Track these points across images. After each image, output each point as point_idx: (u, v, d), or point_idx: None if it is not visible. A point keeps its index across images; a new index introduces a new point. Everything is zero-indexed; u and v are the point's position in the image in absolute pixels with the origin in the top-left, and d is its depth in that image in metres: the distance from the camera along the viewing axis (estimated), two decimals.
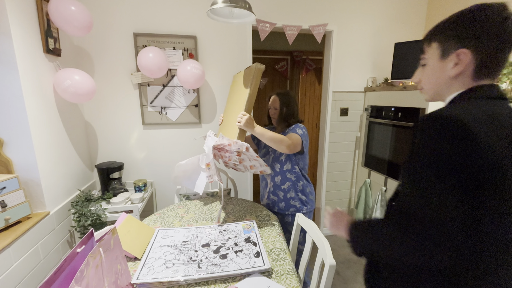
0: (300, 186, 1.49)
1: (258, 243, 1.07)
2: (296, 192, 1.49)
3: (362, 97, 2.38)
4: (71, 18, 1.38)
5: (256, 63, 1.26)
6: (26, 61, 1.23)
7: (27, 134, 1.24)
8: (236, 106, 1.36)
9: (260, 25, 1.97)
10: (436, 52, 0.63)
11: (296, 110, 1.51)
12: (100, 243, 0.71)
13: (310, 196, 1.52)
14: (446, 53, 0.61)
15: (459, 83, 0.61)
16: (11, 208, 1.15)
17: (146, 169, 2.04)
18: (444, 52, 0.61)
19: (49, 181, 1.37)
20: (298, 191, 1.49)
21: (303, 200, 1.50)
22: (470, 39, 0.57)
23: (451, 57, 0.60)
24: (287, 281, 0.89)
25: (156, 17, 1.84)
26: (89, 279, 0.63)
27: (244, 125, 1.18)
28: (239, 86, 1.41)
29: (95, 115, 1.87)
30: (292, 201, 1.49)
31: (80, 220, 1.49)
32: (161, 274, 0.88)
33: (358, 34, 2.24)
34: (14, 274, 1.08)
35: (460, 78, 0.60)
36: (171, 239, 1.11)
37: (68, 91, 1.44)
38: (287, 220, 1.51)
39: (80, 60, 1.77)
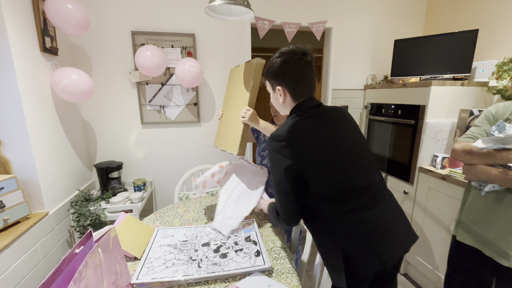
0: None
1: (258, 242, 1.06)
2: None
3: (361, 94, 2.37)
4: (67, 17, 1.36)
5: (256, 58, 1.25)
6: (22, 60, 1.22)
7: (24, 134, 1.23)
8: (237, 100, 1.35)
9: (259, 22, 1.95)
10: (269, 87, 0.98)
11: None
12: (98, 243, 0.70)
13: None
14: (273, 89, 0.95)
15: (286, 107, 0.94)
16: (10, 208, 1.14)
17: (145, 169, 2.03)
18: (272, 88, 0.96)
19: (47, 181, 1.36)
20: None
21: None
22: (279, 79, 0.91)
23: (276, 91, 0.93)
24: (288, 280, 0.89)
25: (154, 15, 1.82)
26: (88, 280, 0.62)
27: (249, 119, 1.20)
28: (239, 80, 1.40)
29: (93, 115, 1.86)
30: None
31: (79, 220, 1.48)
32: (161, 274, 0.88)
33: (358, 31, 2.22)
34: (13, 275, 1.08)
35: (285, 103, 0.94)
36: (171, 238, 1.10)
37: (65, 90, 1.43)
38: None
39: (78, 59, 1.75)
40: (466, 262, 1.11)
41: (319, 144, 0.83)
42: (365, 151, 0.91)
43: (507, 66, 1.53)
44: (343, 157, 0.84)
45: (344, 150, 0.85)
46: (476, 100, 1.71)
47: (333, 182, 0.83)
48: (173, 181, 2.06)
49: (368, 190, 0.85)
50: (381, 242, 0.82)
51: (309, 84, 0.90)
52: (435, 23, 2.26)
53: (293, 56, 0.87)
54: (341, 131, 0.88)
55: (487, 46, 1.85)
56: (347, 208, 0.82)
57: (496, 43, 1.80)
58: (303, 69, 0.87)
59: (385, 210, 0.87)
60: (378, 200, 0.86)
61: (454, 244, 1.16)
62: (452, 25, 2.09)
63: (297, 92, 0.90)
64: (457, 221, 1.14)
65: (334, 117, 0.90)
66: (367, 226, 0.82)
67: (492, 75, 1.63)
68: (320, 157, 0.82)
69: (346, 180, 0.83)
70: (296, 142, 0.83)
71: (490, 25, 1.83)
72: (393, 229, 0.85)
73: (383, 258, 0.80)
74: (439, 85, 1.63)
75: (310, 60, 0.87)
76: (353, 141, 0.89)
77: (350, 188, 0.83)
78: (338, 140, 0.86)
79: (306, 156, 0.82)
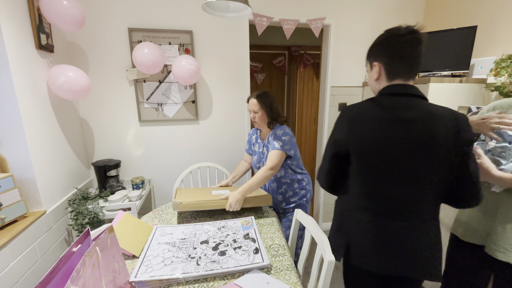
0: (295, 183, 1.51)
1: (257, 239, 1.06)
2: (294, 190, 1.51)
3: (360, 91, 2.37)
4: (63, 13, 1.34)
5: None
6: (18, 57, 1.20)
7: (21, 132, 1.21)
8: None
9: (257, 19, 1.94)
10: (368, 66, 0.94)
11: (279, 108, 1.48)
12: (96, 242, 0.70)
13: (307, 186, 1.55)
14: (371, 67, 0.91)
15: (379, 84, 0.89)
16: (6, 207, 1.13)
17: (143, 167, 2.02)
18: (370, 66, 0.91)
19: (45, 180, 1.35)
20: (296, 189, 1.51)
21: (301, 194, 1.52)
22: (377, 55, 0.87)
23: (373, 68, 0.89)
24: (286, 276, 0.89)
25: (151, 12, 1.80)
26: (86, 279, 0.62)
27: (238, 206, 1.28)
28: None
29: (90, 112, 1.85)
30: (292, 198, 1.51)
31: (77, 219, 1.48)
32: (159, 271, 0.87)
33: (356, 27, 2.21)
34: (11, 274, 1.07)
35: (379, 81, 0.89)
36: (169, 236, 1.10)
37: (62, 88, 1.41)
38: (291, 217, 1.53)
39: (74, 56, 1.73)
40: (464, 259, 1.12)
41: (374, 136, 0.82)
42: (423, 174, 0.80)
43: (505, 62, 1.53)
44: (391, 162, 0.81)
45: (396, 157, 0.80)
46: (475, 97, 1.71)
47: (368, 178, 0.85)
48: (172, 179, 2.06)
49: (400, 203, 0.83)
50: (383, 250, 0.85)
51: (408, 63, 0.82)
52: (434, 19, 2.26)
53: (396, 31, 0.81)
54: (407, 137, 0.79)
55: (485, 43, 1.85)
56: (369, 206, 0.86)
57: (494, 40, 1.80)
58: (404, 46, 0.80)
59: (408, 230, 0.83)
60: (406, 218, 0.83)
61: (452, 241, 1.17)
62: (451, 22, 2.08)
63: (392, 70, 0.84)
64: (456, 218, 1.14)
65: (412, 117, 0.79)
66: (378, 231, 0.85)
67: (491, 72, 1.63)
68: (367, 148, 0.83)
69: (381, 184, 0.83)
70: (354, 124, 0.85)
71: (488, 22, 1.83)
72: (407, 249, 0.83)
73: (380, 264, 0.85)
74: (438, 82, 1.62)
75: (414, 38, 0.79)
76: (414, 155, 0.79)
77: (382, 192, 0.84)
78: (396, 143, 0.80)
79: (356, 142, 0.85)
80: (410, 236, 0.83)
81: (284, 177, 1.48)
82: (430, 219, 0.85)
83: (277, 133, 1.43)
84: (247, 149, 1.71)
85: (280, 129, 1.45)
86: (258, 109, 1.44)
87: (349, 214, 0.92)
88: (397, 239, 0.83)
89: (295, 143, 1.47)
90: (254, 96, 1.46)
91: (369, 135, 0.83)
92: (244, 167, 1.73)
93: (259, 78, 3.47)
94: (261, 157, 1.55)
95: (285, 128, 1.45)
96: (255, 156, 1.60)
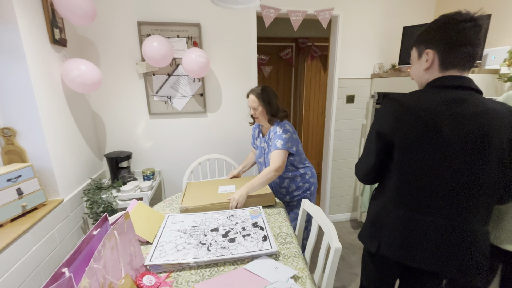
0: (298, 178, 1.52)
1: (265, 227, 1.10)
2: (297, 185, 1.53)
3: (368, 84, 2.35)
4: (75, 7, 1.38)
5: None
6: (33, 52, 1.24)
7: (38, 124, 1.27)
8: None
9: (264, 11, 1.93)
10: (415, 54, 0.87)
11: (279, 102, 1.47)
12: (114, 226, 0.74)
13: (311, 179, 1.56)
14: (420, 54, 0.84)
15: (429, 74, 0.82)
16: (27, 195, 1.19)
17: (153, 158, 2.07)
18: (419, 54, 0.85)
19: (61, 170, 1.41)
20: (299, 183, 1.53)
21: (305, 188, 1.54)
22: (430, 42, 0.79)
23: (423, 56, 0.82)
24: (294, 263, 0.92)
25: (159, 5, 1.82)
26: (106, 259, 0.66)
27: (242, 203, 1.30)
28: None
29: (102, 105, 1.90)
30: (296, 192, 1.54)
31: (92, 207, 1.54)
32: (172, 256, 0.92)
33: (365, 18, 2.17)
34: (34, 257, 1.14)
35: (429, 71, 0.82)
36: (181, 224, 1.14)
37: (75, 82, 1.46)
38: (296, 210, 1.57)
39: (85, 50, 1.77)
40: None
41: (424, 132, 0.75)
42: (474, 175, 0.74)
43: None
44: (440, 160, 0.75)
45: (447, 155, 0.75)
46: (487, 88, 1.67)
47: (411, 175, 0.80)
48: (181, 170, 2.11)
49: (444, 202, 0.78)
50: (417, 245, 0.82)
51: (466, 53, 0.75)
52: (446, 8, 2.19)
53: (456, 17, 0.74)
54: (459, 135, 0.73)
55: (499, 32, 1.79)
56: (407, 202, 0.82)
57: (508, 29, 1.75)
58: (463, 33, 0.73)
59: (449, 228, 0.79)
60: (448, 216, 0.79)
61: None
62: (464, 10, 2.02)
63: (448, 59, 0.77)
64: None
65: (466, 113, 0.73)
66: (415, 226, 0.82)
67: (504, 62, 1.59)
68: (416, 144, 0.77)
69: (425, 182, 0.79)
70: (403, 116, 0.78)
71: (503, 10, 1.77)
72: (441, 246, 0.80)
73: (410, 256, 0.83)
74: None
75: (476, 25, 0.72)
76: (465, 155, 0.74)
77: (424, 190, 0.79)
78: (447, 141, 0.74)
79: (403, 137, 0.78)
80: (451, 235, 0.79)
81: (285, 173, 1.50)
82: (477, 223, 0.78)
83: (278, 131, 1.42)
84: (252, 143, 1.74)
85: (280, 126, 1.43)
86: (257, 105, 1.44)
87: (385, 208, 0.88)
88: (435, 236, 0.80)
89: (297, 139, 1.46)
90: (252, 92, 1.46)
91: (419, 130, 0.76)
92: (252, 158, 1.77)
93: (266, 71, 3.46)
94: (262, 152, 1.57)
95: (285, 125, 1.43)
96: (257, 151, 1.62)
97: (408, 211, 0.83)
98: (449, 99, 0.75)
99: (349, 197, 2.62)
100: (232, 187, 1.47)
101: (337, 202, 2.61)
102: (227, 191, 1.41)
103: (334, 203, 2.60)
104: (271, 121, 1.47)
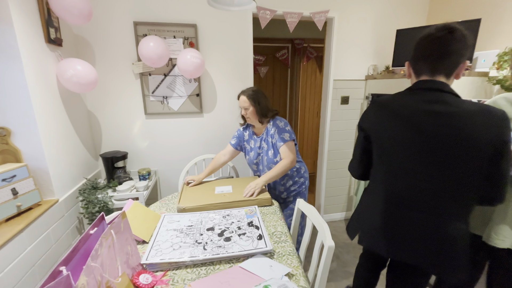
0: (295, 173, 1.58)
1: (260, 226, 1.11)
2: (294, 179, 1.58)
3: (363, 85, 2.38)
4: (70, 7, 1.37)
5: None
6: (29, 51, 1.24)
7: (33, 124, 1.26)
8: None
9: (260, 12, 1.95)
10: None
11: (268, 103, 1.52)
12: (111, 225, 0.75)
13: (305, 174, 1.63)
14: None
15: (412, 81, 0.94)
16: (22, 195, 1.19)
17: (149, 158, 2.07)
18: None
19: (56, 170, 1.41)
20: (295, 177, 1.59)
21: (301, 182, 1.60)
22: (410, 56, 0.93)
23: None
24: (288, 261, 0.94)
25: (155, 5, 1.82)
26: (103, 258, 0.67)
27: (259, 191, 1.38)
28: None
29: (97, 105, 1.89)
30: (293, 187, 1.59)
31: (88, 207, 1.54)
32: (168, 255, 0.93)
33: (360, 21, 2.21)
34: (29, 257, 1.14)
35: (411, 78, 0.95)
36: (177, 223, 1.15)
37: (71, 81, 1.45)
38: (292, 205, 1.61)
39: (81, 50, 1.77)
40: None
41: (396, 126, 0.87)
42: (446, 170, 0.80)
43: (507, 56, 1.54)
44: (412, 153, 0.84)
45: (418, 149, 0.82)
46: (477, 90, 1.72)
47: (387, 167, 0.92)
48: (177, 170, 2.11)
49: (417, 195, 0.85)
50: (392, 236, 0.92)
51: (430, 61, 0.85)
52: (438, 12, 2.24)
53: (424, 33, 0.87)
54: (434, 131, 0.80)
55: (489, 36, 1.84)
56: (385, 194, 0.94)
57: (498, 33, 1.80)
58: (427, 45, 0.85)
59: (422, 221, 0.85)
60: (421, 209, 0.85)
61: None
62: (456, 14, 2.07)
63: (416, 68, 0.90)
64: None
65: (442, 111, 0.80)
66: (390, 217, 0.92)
67: (493, 65, 1.63)
68: (387, 137, 0.90)
69: (400, 174, 0.88)
70: (380, 112, 0.93)
71: (493, 14, 1.82)
72: (414, 237, 0.86)
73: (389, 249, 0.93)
74: None
75: (440, 36, 0.81)
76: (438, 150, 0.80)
77: (399, 182, 0.89)
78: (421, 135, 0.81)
79: (378, 130, 0.93)
80: (424, 227, 0.85)
81: None
82: (450, 217, 0.82)
83: (280, 126, 1.48)
84: (233, 144, 1.67)
85: (280, 120, 1.50)
86: (249, 105, 1.48)
87: (367, 200, 1.02)
88: (408, 228, 0.88)
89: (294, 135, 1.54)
90: (243, 94, 1.50)
91: (391, 124, 0.88)
92: (221, 160, 1.66)
93: (262, 72, 3.48)
94: (258, 152, 1.58)
95: (282, 119, 1.51)
96: (252, 152, 1.62)
97: (386, 203, 0.93)
98: (423, 99, 0.84)
99: (343, 197, 2.66)
100: (229, 187, 1.48)
101: (332, 202, 2.65)
102: (224, 192, 1.42)
103: (329, 202, 2.63)
104: (262, 120, 1.51)
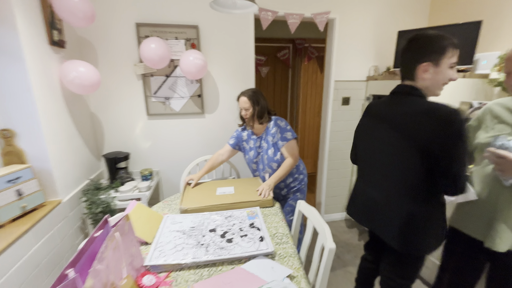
0: (294, 169, 1.62)
1: (262, 228, 1.13)
2: (293, 176, 1.62)
3: (364, 86, 2.39)
4: (74, 9, 1.38)
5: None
6: (32, 53, 1.25)
7: (37, 126, 1.28)
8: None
9: (262, 13, 1.95)
10: None
11: (267, 104, 1.55)
12: (116, 228, 0.77)
13: (304, 171, 1.68)
14: None
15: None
16: (27, 196, 1.21)
17: (151, 159, 2.09)
18: None
19: (60, 171, 1.42)
20: (295, 174, 1.63)
21: (300, 178, 1.64)
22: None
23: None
24: (290, 262, 0.96)
25: (157, 7, 1.83)
26: (109, 260, 0.69)
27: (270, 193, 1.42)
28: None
29: (100, 106, 1.90)
30: (293, 183, 1.63)
31: (91, 208, 1.55)
32: (171, 256, 0.94)
33: (361, 22, 2.21)
34: (34, 257, 1.16)
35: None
36: (180, 224, 1.17)
37: (74, 83, 1.47)
38: (291, 202, 1.64)
39: (84, 51, 1.78)
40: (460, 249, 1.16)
41: (364, 127, 1.14)
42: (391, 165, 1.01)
43: None
44: (370, 151, 1.09)
45: (375, 147, 1.07)
46: (477, 92, 1.72)
47: (360, 159, 1.19)
48: (179, 171, 2.13)
49: (378, 181, 1.07)
50: (364, 211, 1.15)
51: (402, 68, 1.04)
52: (440, 13, 2.24)
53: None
54: (385, 130, 1.02)
55: (491, 37, 1.84)
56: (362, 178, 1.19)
57: (500, 34, 1.80)
58: (401, 55, 1.03)
59: (381, 200, 1.06)
60: (381, 192, 1.07)
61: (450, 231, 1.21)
62: (457, 16, 2.07)
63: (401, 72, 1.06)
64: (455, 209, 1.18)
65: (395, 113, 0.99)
66: (364, 196, 1.15)
67: (495, 67, 1.64)
68: (359, 135, 1.18)
69: (367, 166, 1.13)
70: (364, 112, 1.17)
71: (494, 16, 1.82)
72: (380, 211, 1.06)
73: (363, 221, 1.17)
74: None
75: (406, 47, 1.00)
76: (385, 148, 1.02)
77: (368, 172, 1.13)
78: (376, 135, 1.06)
79: (357, 130, 1.21)
80: (383, 205, 1.05)
81: None
82: (403, 200, 0.98)
83: (281, 125, 1.52)
84: (232, 144, 1.68)
85: (280, 120, 1.54)
86: (249, 106, 1.51)
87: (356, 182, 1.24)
88: (374, 205, 1.08)
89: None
90: (243, 95, 1.53)
91: (365, 121, 1.14)
92: (219, 160, 1.68)
93: (263, 72, 3.48)
94: (257, 152, 1.61)
95: (281, 119, 1.56)
96: (251, 152, 1.64)
97: (360, 183, 1.18)
98: (390, 101, 1.04)
99: (344, 197, 2.67)
100: (231, 188, 1.49)
101: (333, 202, 2.66)
102: (226, 193, 1.44)
103: (329, 202, 2.65)
104: (262, 121, 1.54)
